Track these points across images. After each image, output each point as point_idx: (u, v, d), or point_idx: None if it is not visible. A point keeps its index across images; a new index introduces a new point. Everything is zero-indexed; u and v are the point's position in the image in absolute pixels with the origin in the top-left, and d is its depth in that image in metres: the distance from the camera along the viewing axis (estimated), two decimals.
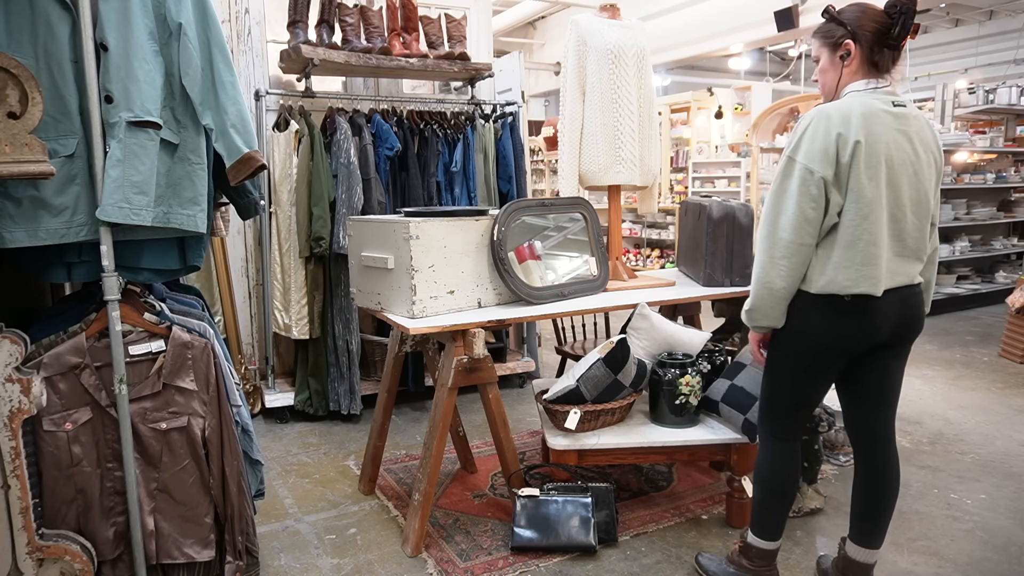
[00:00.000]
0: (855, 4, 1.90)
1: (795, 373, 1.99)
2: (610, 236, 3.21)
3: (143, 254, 1.92)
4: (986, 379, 4.42)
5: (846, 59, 1.88)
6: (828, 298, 1.85)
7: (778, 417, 2.06)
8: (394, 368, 2.79)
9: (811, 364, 1.95)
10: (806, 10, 6.79)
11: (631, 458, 2.52)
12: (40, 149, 1.58)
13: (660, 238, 8.83)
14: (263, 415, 3.80)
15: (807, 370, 1.96)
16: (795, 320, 1.91)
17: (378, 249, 2.53)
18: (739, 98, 9.36)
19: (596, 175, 2.98)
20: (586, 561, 2.35)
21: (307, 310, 3.64)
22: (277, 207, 3.61)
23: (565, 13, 10.00)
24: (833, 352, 1.91)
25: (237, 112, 1.90)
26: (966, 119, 8.33)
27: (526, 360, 4.29)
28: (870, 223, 1.80)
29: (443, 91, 4.55)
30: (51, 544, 1.79)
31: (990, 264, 7.34)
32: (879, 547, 2.10)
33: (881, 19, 1.84)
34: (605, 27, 2.95)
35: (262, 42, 3.75)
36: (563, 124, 2.99)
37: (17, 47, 1.66)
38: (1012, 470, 3.05)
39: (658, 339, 2.63)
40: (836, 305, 1.85)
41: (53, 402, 1.82)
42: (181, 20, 1.82)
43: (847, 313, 1.85)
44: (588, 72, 2.93)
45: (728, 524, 2.58)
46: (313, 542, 2.52)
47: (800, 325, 1.91)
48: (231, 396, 2.05)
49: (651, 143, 3.08)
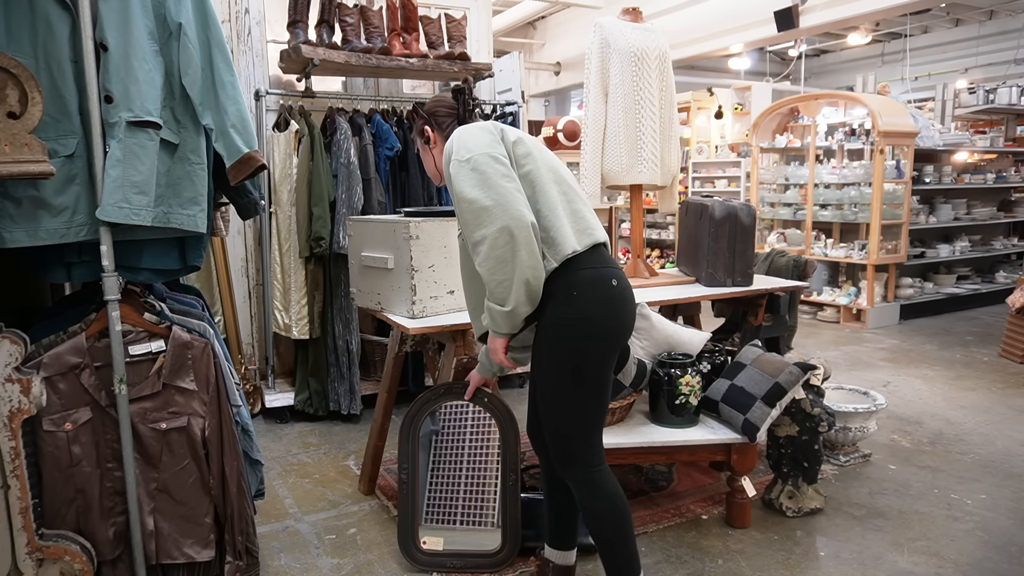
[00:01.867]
0: (433, 99, 2.10)
1: None
2: (632, 234, 3.29)
3: (143, 254, 1.92)
4: (986, 379, 4.42)
5: (429, 143, 2.05)
6: None
7: None
8: (394, 368, 2.79)
9: None
10: (806, 10, 6.78)
11: (631, 458, 2.52)
12: (40, 149, 1.58)
13: (660, 238, 8.83)
14: (263, 415, 3.80)
15: None
16: None
17: (378, 249, 2.53)
18: (739, 98, 9.36)
19: (618, 175, 3.04)
20: (586, 561, 2.35)
21: (307, 310, 3.64)
22: (277, 207, 3.61)
23: (565, 13, 9.99)
24: None
25: (237, 112, 1.90)
26: (966, 119, 8.34)
27: None
28: None
29: (443, 91, 4.55)
30: (51, 544, 1.79)
31: (990, 264, 7.34)
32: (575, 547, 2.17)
33: (451, 103, 2.04)
34: (628, 30, 2.99)
35: (262, 42, 3.75)
36: (586, 125, 3.04)
37: (17, 47, 1.66)
38: (1012, 470, 3.04)
39: (658, 339, 2.63)
40: None
41: (53, 402, 1.82)
42: (181, 20, 1.82)
43: None
44: (611, 74, 2.99)
45: (728, 524, 2.58)
46: (313, 542, 2.52)
47: None
48: (231, 396, 2.05)
49: (671, 143, 3.13)
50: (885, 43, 12.46)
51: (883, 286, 6.10)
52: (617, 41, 2.96)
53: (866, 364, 4.82)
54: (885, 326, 5.99)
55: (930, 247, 6.63)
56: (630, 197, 3.26)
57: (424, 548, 2.30)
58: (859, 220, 6.16)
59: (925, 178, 6.39)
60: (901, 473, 3.02)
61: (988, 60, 10.99)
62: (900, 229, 6.06)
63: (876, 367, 4.74)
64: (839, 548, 2.43)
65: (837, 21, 6.83)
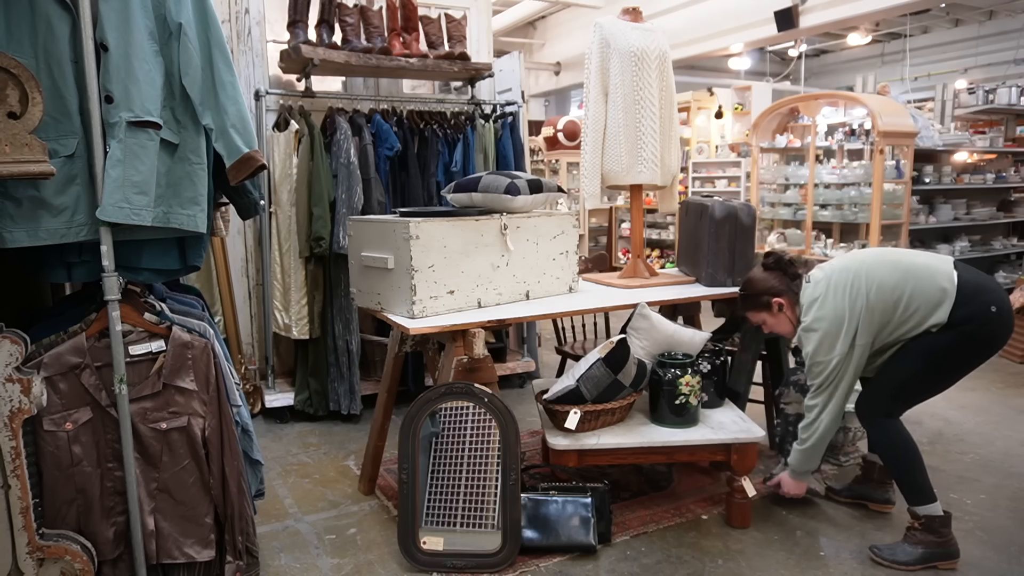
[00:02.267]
0: (749, 278, 2.60)
1: None
2: (632, 234, 3.29)
3: (143, 254, 1.92)
4: (986, 379, 4.42)
5: (783, 308, 2.50)
6: None
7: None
8: (394, 368, 2.79)
9: None
10: (806, 10, 6.79)
11: (631, 458, 2.52)
12: (40, 149, 1.58)
13: (660, 238, 8.83)
14: (263, 415, 3.80)
15: None
16: None
17: (378, 249, 2.53)
18: (739, 98, 9.36)
19: (618, 175, 3.04)
20: (586, 561, 2.35)
21: (307, 310, 3.64)
22: (277, 207, 3.61)
23: (565, 13, 9.99)
24: None
25: (237, 112, 1.90)
26: (966, 119, 8.34)
27: (526, 360, 4.29)
28: None
29: (443, 91, 4.56)
30: (51, 544, 1.79)
31: (990, 264, 7.33)
32: None
33: (777, 274, 2.52)
34: (628, 30, 2.99)
35: (262, 42, 3.75)
36: (586, 124, 3.04)
37: (17, 47, 1.66)
38: (1012, 470, 3.05)
39: (658, 339, 2.63)
40: None
41: (53, 402, 1.82)
42: (181, 20, 1.82)
43: None
44: (611, 74, 2.98)
45: (728, 524, 2.58)
46: (313, 542, 2.52)
47: None
48: (231, 396, 2.05)
49: (671, 143, 3.13)
50: (885, 43, 12.46)
51: None
52: (617, 41, 2.96)
53: None
54: None
55: (930, 247, 6.62)
56: (630, 197, 3.26)
57: (424, 548, 2.30)
58: (859, 220, 6.16)
59: (925, 178, 6.38)
60: None
61: (988, 60, 11.00)
62: (900, 229, 6.05)
63: None
64: (839, 548, 2.43)
65: (837, 21, 6.84)
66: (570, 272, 2.87)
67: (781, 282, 2.50)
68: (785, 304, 2.49)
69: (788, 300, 2.49)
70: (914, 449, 2.35)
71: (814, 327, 2.34)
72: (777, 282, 2.51)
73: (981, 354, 2.30)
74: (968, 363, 2.33)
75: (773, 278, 2.52)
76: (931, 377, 2.36)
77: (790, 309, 2.50)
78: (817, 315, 2.33)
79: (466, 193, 2.73)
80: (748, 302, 2.58)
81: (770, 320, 2.55)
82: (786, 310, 2.50)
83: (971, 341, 2.25)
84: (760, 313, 2.56)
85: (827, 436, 2.43)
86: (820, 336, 2.32)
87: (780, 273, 2.52)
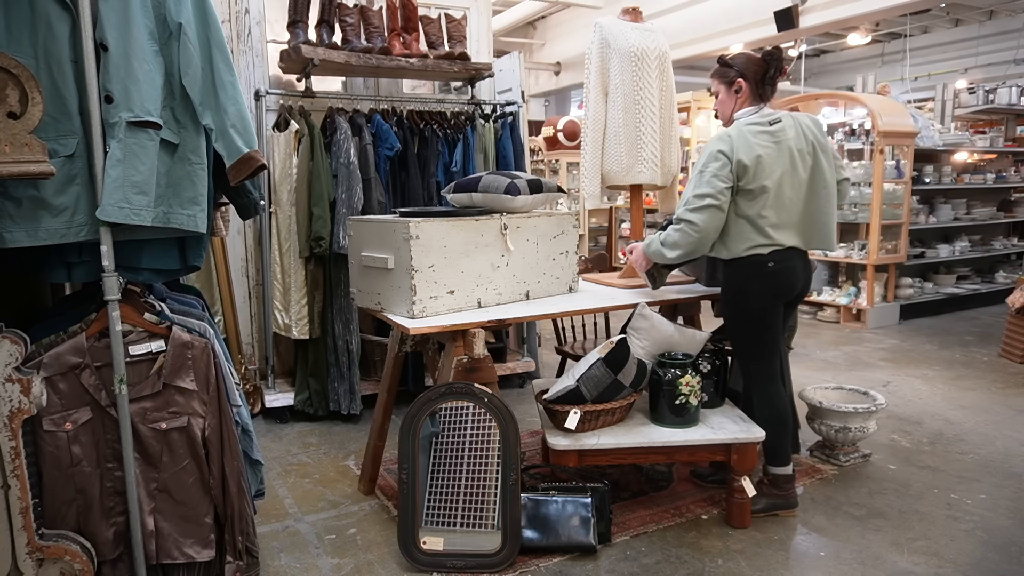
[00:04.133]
0: (742, 53, 2.59)
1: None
2: (632, 234, 3.30)
3: (143, 254, 1.92)
4: (986, 379, 4.42)
5: (739, 92, 2.55)
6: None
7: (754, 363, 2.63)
8: (394, 368, 2.79)
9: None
10: (806, 10, 6.79)
11: (631, 458, 2.52)
12: (40, 149, 1.58)
13: None
14: (263, 415, 3.80)
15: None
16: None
17: (378, 249, 2.53)
18: None
19: (618, 175, 3.05)
20: (586, 561, 2.35)
21: (307, 310, 3.64)
22: (277, 207, 3.61)
23: (565, 13, 9.99)
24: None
25: (237, 112, 1.90)
26: (966, 119, 8.34)
27: (526, 360, 4.29)
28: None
29: (443, 91, 4.55)
30: (51, 544, 1.79)
31: (990, 264, 7.34)
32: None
33: (761, 64, 2.52)
34: (628, 30, 3.00)
35: (262, 42, 3.75)
36: (586, 125, 3.05)
37: (17, 47, 1.66)
38: (1012, 470, 3.05)
39: (658, 339, 2.63)
40: None
41: (53, 402, 1.82)
42: (181, 20, 1.82)
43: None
44: (611, 74, 2.99)
45: (728, 524, 2.58)
46: (313, 542, 2.52)
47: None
48: (231, 396, 2.05)
49: (671, 144, 3.15)
50: (885, 43, 12.46)
51: (883, 286, 6.10)
52: (617, 41, 2.96)
53: (866, 364, 4.82)
54: (885, 326, 5.99)
55: (930, 247, 6.63)
56: (630, 197, 3.27)
57: (424, 548, 2.30)
58: (859, 220, 6.16)
59: (925, 178, 6.39)
60: (901, 473, 3.03)
61: (988, 60, 11.00)
62: (900, 229, 6.06)
63: (876, 367, 4.74)
64: (839, 548, 2.43)
65: (837, 21, 6.83)
66: (570, 272, 2.87)
67: (757, 74, 2.52)
68: (743, 91, 2.53)
69: (749, 91, 2.52)
70: (787, 418, 2.60)
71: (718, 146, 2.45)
72: (755, 71, 2.52)
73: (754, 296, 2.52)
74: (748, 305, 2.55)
75: (756, 66, 2.52)
76: (738, 326, 2.62)
77: (744, 100, 2.53)
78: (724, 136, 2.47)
79: (466, 193, 2.73)
80: (720, 70, 2.60)
81: (722, 95, 2.59)
82: (741, 96, 2.54)
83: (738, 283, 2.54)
84: (720, 84, 2.59)
85: (686, 249, 2.51)
86: (714, 153, 2.44)
87: (765, 70, 2.51)
